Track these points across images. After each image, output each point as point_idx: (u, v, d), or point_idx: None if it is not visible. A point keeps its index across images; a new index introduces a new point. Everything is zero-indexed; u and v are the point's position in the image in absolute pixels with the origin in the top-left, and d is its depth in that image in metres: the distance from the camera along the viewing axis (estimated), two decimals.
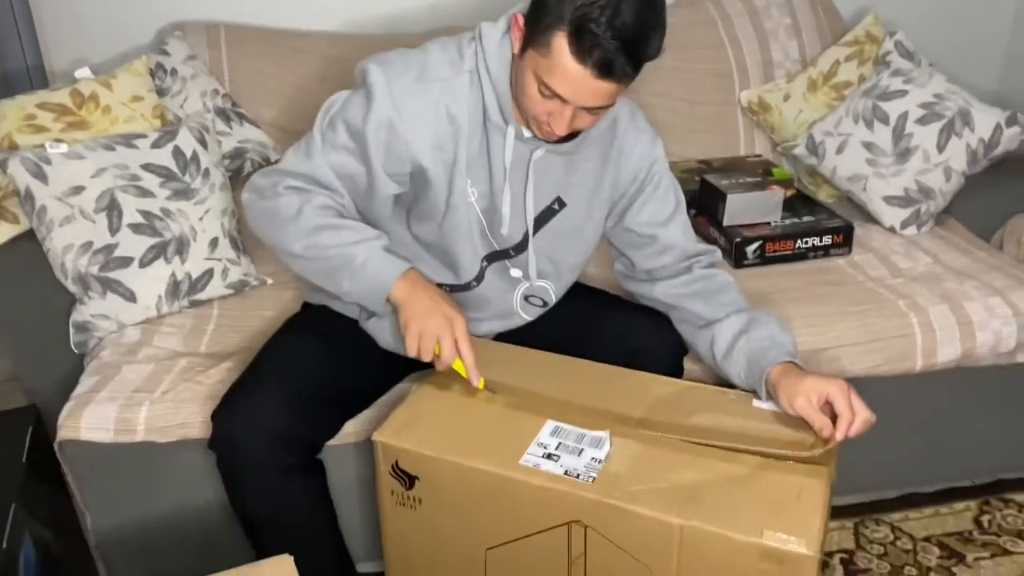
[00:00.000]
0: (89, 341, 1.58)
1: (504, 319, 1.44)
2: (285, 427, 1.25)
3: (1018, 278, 1.72)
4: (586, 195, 1.36)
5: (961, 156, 1.88)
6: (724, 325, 1.34)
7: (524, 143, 1.28)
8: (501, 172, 1.29)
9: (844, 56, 2.08)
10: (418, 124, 1.24)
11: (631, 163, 1.37)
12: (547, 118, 1.18)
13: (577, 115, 1.18)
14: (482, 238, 1.34)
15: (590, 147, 1.33)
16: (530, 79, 1.16)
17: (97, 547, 1.47)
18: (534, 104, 1.18)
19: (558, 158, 1.31)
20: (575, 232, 1.38)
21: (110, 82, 1.73)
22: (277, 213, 1.27)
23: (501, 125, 1.26)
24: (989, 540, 1.69)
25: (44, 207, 1.55)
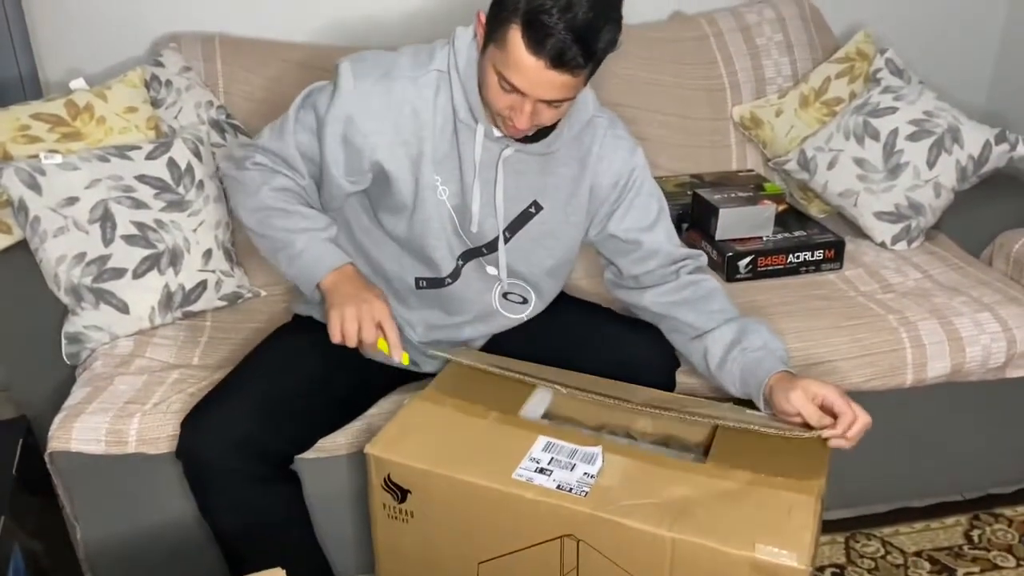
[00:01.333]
0: (81, 352, 1.58)
1: (486, 320, 1.44)
2: (251, 435, 1.26)
3: (1007, 294, 1.73)
4: (562, 199, 1.37)
5: (951, 172, 1.90)
6: (716, 335, 1.35)
7: (494, 142, 1.30)
8: (471, 169, 1.31)
9: (835, 73, 2.10)
10: (377, 119, 1.27)
11: (611, 170, 1.38)
12: (509, 112, 1.20)
13: (537, 109, 1.19)
14: (455, 236, 1.35)
15: (567, 151, 1.35)
16: (491, 74, 1.18)
17: (87, 559, 1.46)
18: (496, 99, 1.20)
19: (532, 161, 1.33)
20: (551, 236, 1.39)
21: (104, 93, 1.73)
22: (241, 185, 1.35)
23: (471, 123, 1.29)
24: (979, 555, 1.70)
25: (37, 218, 1.55)
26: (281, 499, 1.34)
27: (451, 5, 2.14)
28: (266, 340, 1.47)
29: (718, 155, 2.17)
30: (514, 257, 1.38)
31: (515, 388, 1.30)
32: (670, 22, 2.24)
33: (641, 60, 2.12)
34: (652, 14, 2.26)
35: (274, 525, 1.32)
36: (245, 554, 1.32)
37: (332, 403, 1.39)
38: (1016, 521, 1.78)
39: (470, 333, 1.45)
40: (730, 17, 2.20)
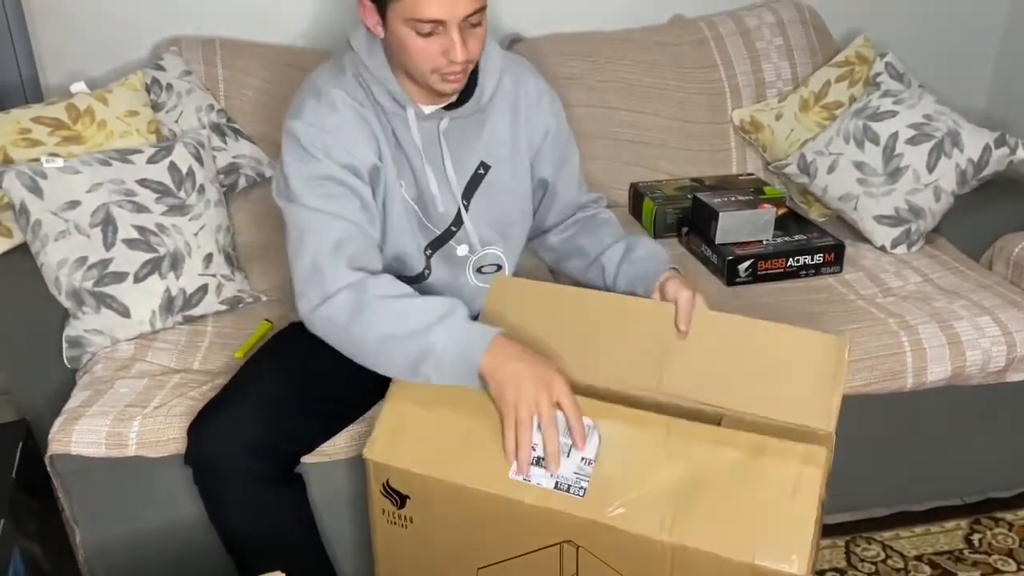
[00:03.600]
0: (82, 356, 1.58)
1: (469, 302, 1.43)
2: (259, 437, 1.26)
3: (1007, 297, 1.73)
4: (506, 153, 1.40)
5: (951, 176, 1.90)
6: (609, 254, 1.43)
7: (428, 120, 1.32)
8: (417, 154, 1.32)
9: (835, 76, 2.10)
10: (345, 131, 1.28)
11: (539, 116, 1.42)
12: (444, 58, 1.20)
13: (466, 36, 1.19)
14: (421, 228, 1.37)
15: (498, 108, 1.38)
16: (406, 33, 1.19)
17: (86, 562, 1.46)
18: (422, 55, 1.20)
19: (469, 125, 1.35)
20: (506, 191, 1.42)
21: (105, 96, 1.74)
22: (340, 341, 1.24)
23: (399, 111, 1.30)
24: (980, 559, 1.70)
25: (39, 221, 1.55)
26: (289, 501, 1.34)
27: None
28: (267, 344, 1.47)
29: (718, 159, 2.17)
30: (477, 222, 1.40)
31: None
32: (670, 26, 2.24)
33: (641, 64, 2.12)
34: (652, 18, 2.26)
35: (283, 528, 1.32)
36: (253, 558, 1.32)
37: (339, 404, 1.39)
38: (1016, 525, 1.78)
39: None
40: (730, 21, 2.21)
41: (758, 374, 1.23)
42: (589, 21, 2.22)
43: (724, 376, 1.23)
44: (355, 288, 1.21)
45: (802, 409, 1.19)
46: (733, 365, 1.24)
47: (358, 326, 1.20)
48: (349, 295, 1.21)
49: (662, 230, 2.00)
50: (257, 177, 1.91)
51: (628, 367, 1.25)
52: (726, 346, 1.26)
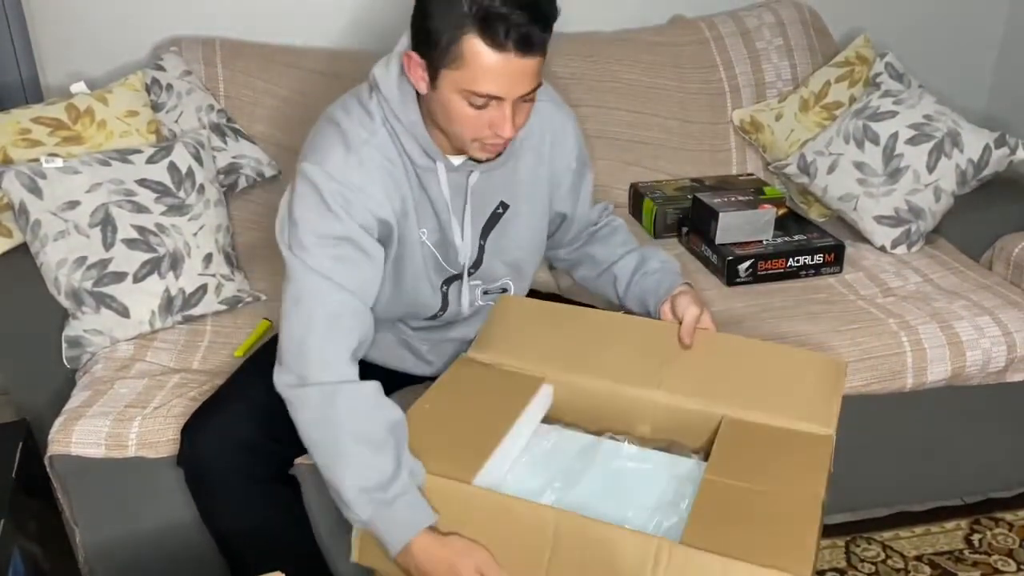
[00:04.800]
0: (82, 356, 1.58)
1: (476, 317, 1.44)
2: (252, 438, 1.26)
3: (1008, 298, 1.73)
4: (526, 192, 1.37)
5: (951, 176, 1.90)
6: (622, 264, 1.44)
7: (457, 172, 1.28)
8: (445, 208, 1.28)
9: (835, 77, 2.10)
10: (367, 191, 1.21)
11: (563, 156, 1.39)
12: (490, 131, 1.16)
13: (517, 111, 1.16)
14: (437, 271, 1.34)
15: (524, 148, 1.34)
16: (456, 101, 1.14)
17: (86, 562, 1.46)
18: (470, 124, 1.16)
19: (492, 168, 1.30)
20: (522, 228, 1.38)
21: (105, 97, 1.74)
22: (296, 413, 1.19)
23: (430, 165, 1.25)
24: (980, 559, 1.70)
25: (38, 221, 1.55)
26: (282, 502, 1.34)
27: None
28: (263, 346, 1.47)
29: (718, 159, 2.17)
30: (492, 260, 1.38)
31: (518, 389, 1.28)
32: (670, 26, 2.24)
33: (641, 64, 2.12)
34: (652, 18, 2.26)
35: (275, 529, 1.32)
36: (247, 559, 1.32)
37: None
38: (1016, 525, 1.78)
39: (458, 334, 1.45)
40: (730, 21, 2.21)
41: (758, 383, 1.25)
42: (589, 21, 2.22)
43: (724, 383, 1.25)
44: (325, 393, 1.16)
45: (801, 414, 1.21)
46: (734, 375, 1.26)
47: (313, 433, 1.17)
48: (318, 397, 1.16)
49: (662, 230, 2.00)
50: (257, 177, 1.91)
51: (630, 373, 1.27)
52: (727, 360, 1.28)
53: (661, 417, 1.26)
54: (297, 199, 1.21)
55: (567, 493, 1.15)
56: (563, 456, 1.22)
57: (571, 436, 1.26)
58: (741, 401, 1.23)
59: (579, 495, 1.15)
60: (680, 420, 1.25)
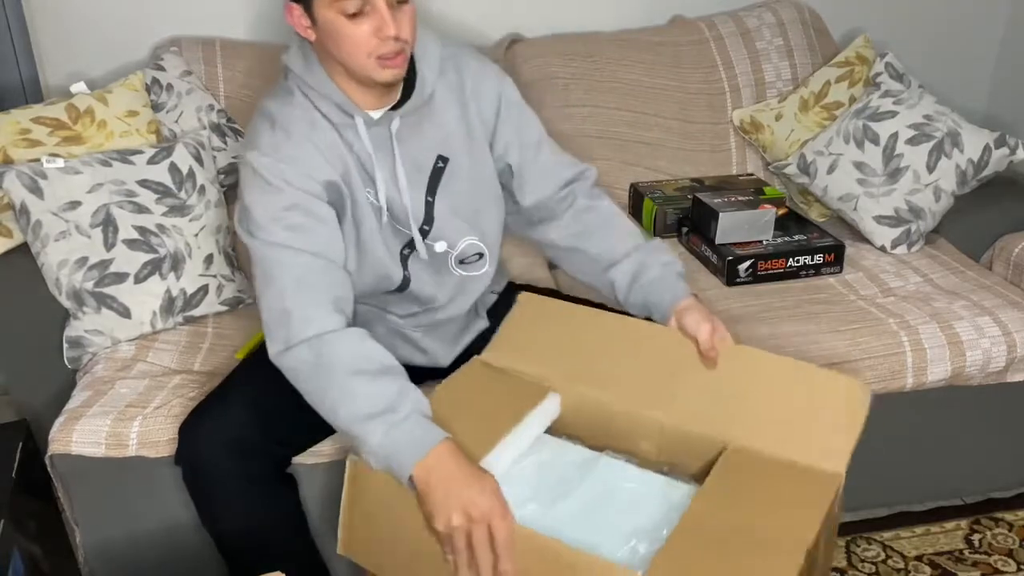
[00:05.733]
0: (83, 356, 1.58)
1: (461, 294, 1.44)
2: (249, 438, 1.26)
3: (1008, 298, 1.73)
4: (462, 142, 1.36)
5: (951, 176, 1.90)
6: (621, 268, 1.39)
7: (378, 125, 1.29)
8: (370, 161, 1.30)
9: (835, 77, 2.10)
10: (301, 158, 1.25)
11: (487, 97, 1.38)
12: (377, 39, 1.18)
13: (395, 12, 1.18)
14: (395, 233, 1.35)
15: (443, 96, 1.34)
16: (336, 21, 1.17)
17: (86, 563, 1.46)
18: (356, 39, 1.18)
19: (419, 121, 1.32)
20: (469, 180, 1.38)
21: (106, 97, 1.74)
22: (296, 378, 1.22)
23: (348, 121, 1.28)
24: (980, 559, 1.70)
25: (39, 222, 1.55)
26: (279, 501, 1.34)
27: (450, 7, 2.15)
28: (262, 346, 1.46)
29: (718, 159, 2.17)
30: (446, 216, 1.37)
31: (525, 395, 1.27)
32: (670, 26, 2.24)
33: (641, 64, 2.12)
34: (652, 18, 2.26)
35: (273, 528, 1.32)
36: (245, 559, 1.32)
37: None
38: (1017, 525, 1.78)
39: (447, 315, 1.45)
40: (730, 21, 2.21)
41: (771, 409, 1.18)
42: (589, 21, 2.22)
43: (735, 407, 1.19)
44: (313, 347, 1.18)
45: (813, 449, 1.14)
46: (746, 398, 1.20)
47: (312, 386, 1.19)
48: (307, 353, 1.19)
49: (662, 230, 2.00)
50: None
51: (640, 388, 1.24)
52: (743, 379, 1.22)
53: (666, 437, 1.22)
54: (243, 186, 1.27)
55: (551, 508, 1.12)
56: (558, 469, 1.19)
57: (571, 449, 1.23)
58: (749, 426, 1.17)
59: (562, 511, 1.12)
60: (684, 442, 1.21)
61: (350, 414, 1.15)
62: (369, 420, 1.12)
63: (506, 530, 1.05)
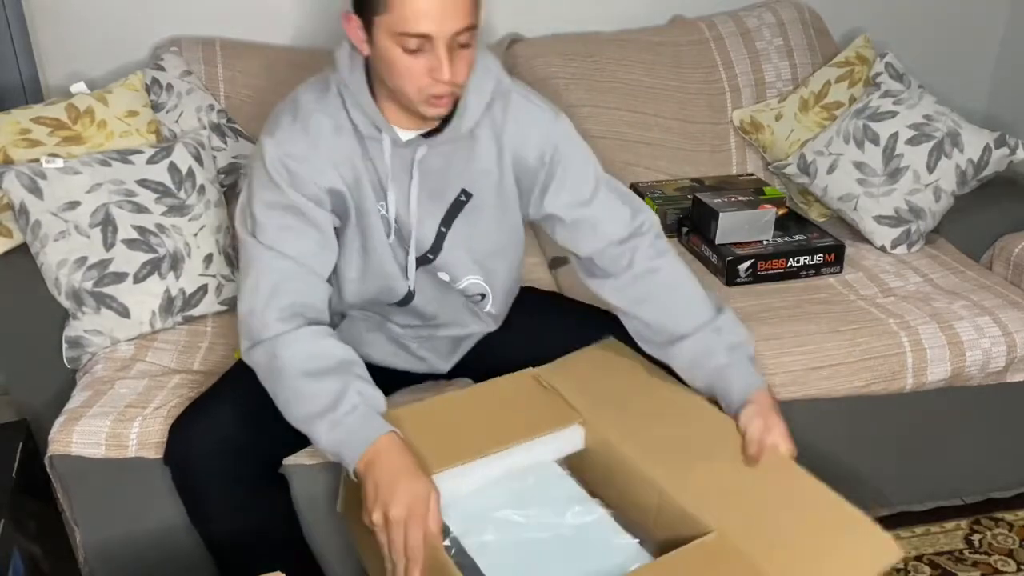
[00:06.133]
0: (82, 356, 1.58)
1: (459, 322, 1.43)
2: (236, 439, 1.26)
3: (1008, 298, 1.73)
4: (491, 183, 1.33)
5: (951, 176, 1.90)
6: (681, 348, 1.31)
7: (404, 147, 1.27)
8: (387, 182, 1.29)
9: (835, 77, 2.10)
10: (311, 159, 1.24)
11: (531, 144, 1.32)
12: (430, 78, 1.15)
13: (453, 55, 1.14)
14: (400, 247, 1.33)
15: (484, 133, 1.30)
16: (392, 50, 1.14)
17: (86, 563, 1.46)
18: (409, 73, 1.15)
19: (454, 153, 1.29)
20: (490, 221, 1.35)
21: (105, 97, 1.74)
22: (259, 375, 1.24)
23: (375, 135, 1.26)
24: (980, 559, 1.70)
25: (38, 222, 1.55)
26: (269, 502, 1.34)
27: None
28: None
29: (718, 159, 2.17)
30: (455, 250, 1.35)
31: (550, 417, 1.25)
32: (670, 26, 2.24)
33: (641, 64, 2.12)
34: (652, 18, 2.26)
35: (263, 529, 1.32)
36: (236, 560, 1.31)
37: None
38: (1016, 525, 1.78)
39: (448, 333, 1.45)
40: (730, 21, 2.21)
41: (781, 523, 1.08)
42: (589, 21, 2.22)
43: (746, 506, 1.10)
44: (267, 349, 1.21)
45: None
46: (764, 503, 1.11)
47: (268, 387, 1.23)
48: (263, 354, 1.22)
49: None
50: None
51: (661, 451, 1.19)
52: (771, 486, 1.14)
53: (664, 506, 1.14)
54: (251, 169, 1.28)
55: (508, 534, 1.11)
56: (540, 498, 1.17)
57: (563, 484, 1.20)
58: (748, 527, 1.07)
59: (518, 542, 1.10)
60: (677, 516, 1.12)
61: (300, 414, 1.19)
62: (315, 419, 1.16)
63: (416, 538, 1.06)
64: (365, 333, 1.42)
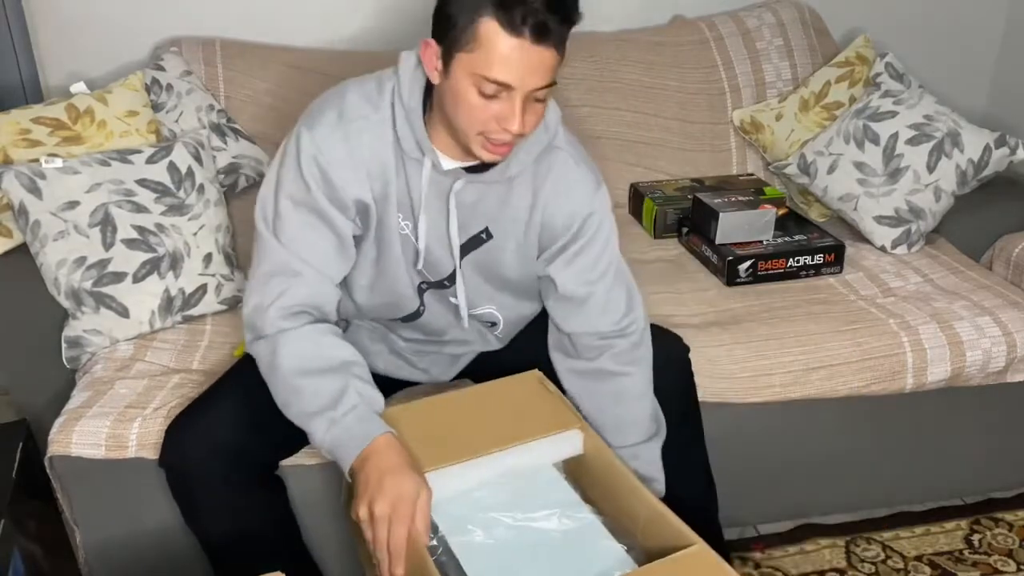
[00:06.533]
0: (81, 356, 1.58)
1: (467, 343, 1.43)
2: (232, 441, 1.25)
3: (1008, 298, 1.73)
4: (516, 229, 1.30)
5: (951, 177, 1.90)
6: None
7: (443, 175, 1.24)
8: (419, 203, 1.26)
9: (835, 77, 2.10)
10: (346, 166, 1.21)
11: (565, 209, 1.29)
12: (497, 124, 1.13)
13: (527, 109, 1.13)
14: (414, 268, 1.32)
15: (522, 183, 1.28)
16: (466, 88, 1.12)
17: (86, 563, 1.46)
18: (477, 113, 1.13)
19: (489, 191, 1.27)
20: (503, 265, 1.33)
21: (105, 97, 1.74)
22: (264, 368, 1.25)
23: (417, 156, 1.23)
24: (980, 559, 1.70)
25: (38, 222, 1.55)
26: (265, 505, 1.33)
27: None
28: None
29: (718, 159, 2.17)
30: (470, 282, 1.34)
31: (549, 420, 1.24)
32: (670, 26, 2.24)
33: (641, 64, 2.12)
34: (652, 18, 2.26)
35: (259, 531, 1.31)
36: (232, 563, 1.31)
37: None
38: (1016, 526, 1.78)
39: (454, 350, 1.45)
40: (730, 21, 2.21)
41: None
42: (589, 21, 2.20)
43: None
44: (270, 344, 1.21)
45: None
46: None
47: (269, 381, 1.23)
48: (265, 348, 1.22)
49: (662, 230, 2.00)
50: (257, 177, 1.91)
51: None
52: None
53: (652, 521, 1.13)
54: (283, 157, 1.24)
55: (495, 535, 1.10)
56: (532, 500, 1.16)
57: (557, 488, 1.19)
58: None
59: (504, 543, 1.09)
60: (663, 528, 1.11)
61: (298, 411, 1.19)
62: (314, 417, 1.17)
63: (398, 535, 1.07)
64: (368, 343, 1.42)
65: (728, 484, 1.54)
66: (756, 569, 1.66)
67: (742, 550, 1.70)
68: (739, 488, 1.61)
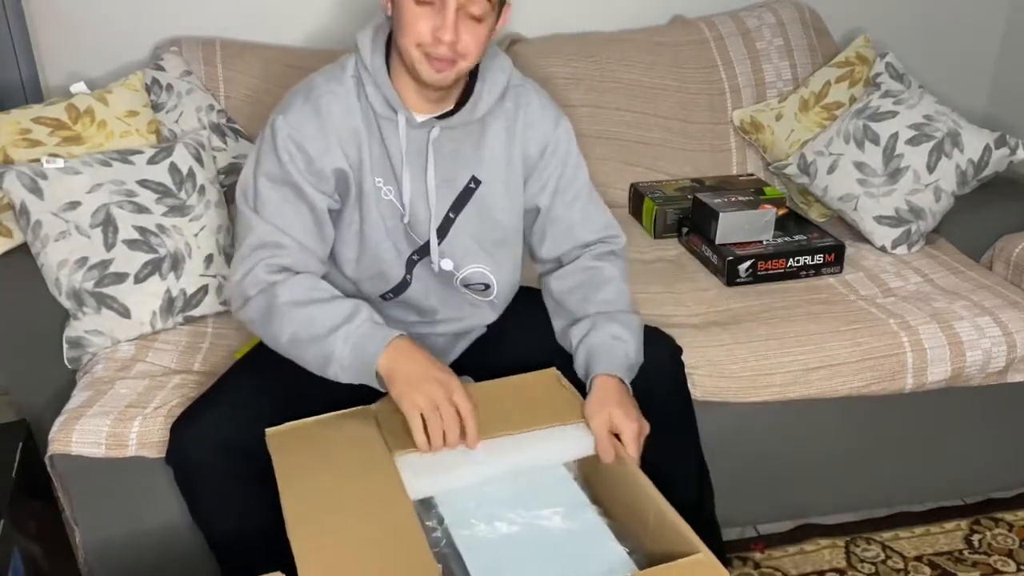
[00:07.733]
0: (82, 357, 1.58)
1: (458, 317, 1.44)
2: (240, 436, 1.26)
3: (1008, 298, 1.73)
4: (500, 170, 1.37)
5: (951, 177, 1.90)
6: (577, 327, 1.36)
7: (418, 128, 1.31)
8: (400, 162, 1.31)
9: (835, 77, 2.10)
10: (317, 138, 1.28)
11: (537, 136, 1.38)
12: (432, 36, 1.19)
13: (461, 23, 1.19)
14: (405, 235, 1.36)
15: (496, 122, 1.35)
16: (406, 3, 1.19)
17: (86, 563, 1.46)
18: (413, 24, 1.19)
19: (464, 138, 1.33)
20: (497, 209, 1.38)
21: (105, 97, 1.74)
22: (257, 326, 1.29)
23: (391, 115, 1.29)
24: (980, 559, 1.70)
25: (39, 222, 1.55)
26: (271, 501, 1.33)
27: None
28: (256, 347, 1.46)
29: (718, 159, 2.17)
30: (462, 236, 1.38)
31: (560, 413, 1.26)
32: (671, 26, 2.24)
33: (641, 64, 2.12)
34: (652, 18, 2.26)
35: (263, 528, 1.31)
36: (237, 560, 1.31)
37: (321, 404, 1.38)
38: (1016, 526, 1.78)
39: (445, 329, 1.45)
40: (730, 21, 2.21)
41: None
42: (589, 21, 2.22)
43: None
44: (267, 293, 1.25)
45: None
46: None
47: (274, 328, 1.25)
48: (262, 299, 1.25)
49: (662, 230, 2.00)
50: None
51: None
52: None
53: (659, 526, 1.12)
54: (260, 144, 1.31)
55: (499, 530, 1.11)
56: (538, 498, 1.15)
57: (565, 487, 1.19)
58: None
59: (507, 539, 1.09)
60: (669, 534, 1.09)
61: (312, 336, 1.21)
62: (331, 334, 1.20)
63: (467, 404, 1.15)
64: None
65: (728, 484, 1.54)
66: (756, 569, 1.66)
67: (742, 550, 1.70)
68: (739, 488, 1.61)
